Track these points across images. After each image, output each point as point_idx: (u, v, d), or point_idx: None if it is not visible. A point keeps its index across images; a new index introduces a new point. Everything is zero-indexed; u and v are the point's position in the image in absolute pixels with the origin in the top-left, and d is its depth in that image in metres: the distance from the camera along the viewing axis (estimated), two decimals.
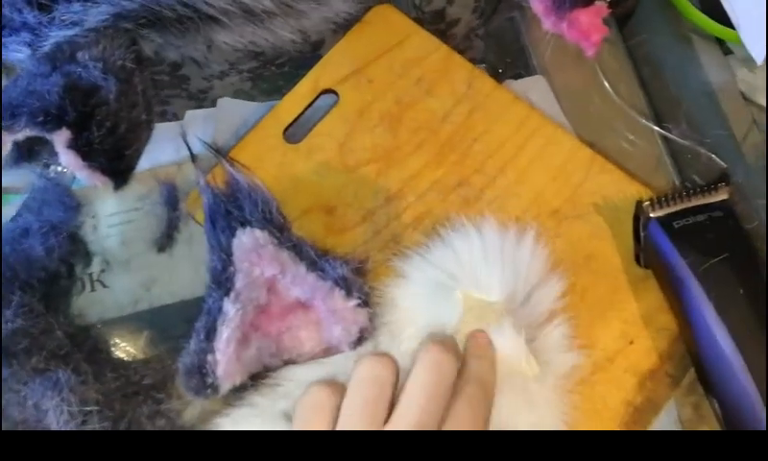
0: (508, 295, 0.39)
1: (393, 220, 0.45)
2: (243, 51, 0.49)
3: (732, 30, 0.48)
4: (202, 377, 0.38)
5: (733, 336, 0.39)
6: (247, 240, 0.40)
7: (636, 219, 0.44)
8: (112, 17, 0.43)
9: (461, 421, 0.33)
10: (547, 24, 0.47)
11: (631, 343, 0.43)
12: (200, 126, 0.49)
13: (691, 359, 0.42)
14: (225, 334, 0.38)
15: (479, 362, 0.36)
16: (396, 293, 0.41)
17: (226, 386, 0.38)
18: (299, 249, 0.41)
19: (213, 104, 0.51)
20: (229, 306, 0.39)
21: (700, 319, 0.40)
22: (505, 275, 0.39)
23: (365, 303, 0.41)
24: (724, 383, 0.39)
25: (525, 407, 0.38)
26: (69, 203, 0.46)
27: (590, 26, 0.46)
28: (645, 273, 0.44)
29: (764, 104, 0.49)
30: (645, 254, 0.43)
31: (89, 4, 0.43)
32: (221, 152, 0.45)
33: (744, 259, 0.41)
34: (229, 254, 0.40)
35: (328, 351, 0.41)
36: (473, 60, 0.50)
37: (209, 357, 0.38)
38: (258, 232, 0.41)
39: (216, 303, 0.39)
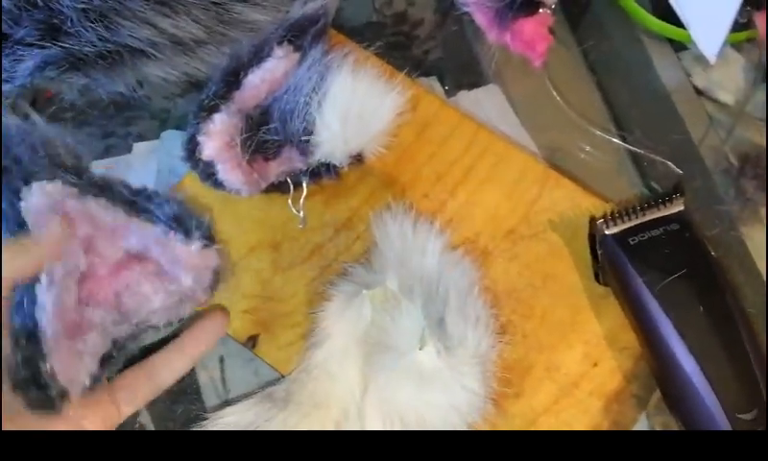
0: (403, 278, 0.40)
1: (342, 253, 0.44)
2: (176, 83, 0.47)
3: (682, 29, 0.47)
4: (40, 390, 0.31)
5: (694, 354, 0.38)
6: (37, 200, 0.32)
7: (592, 236, 0.42)
8: (37, 68, 0.42)
9: None
10: (491, 36, 0.46)
11: (595, 365, 0.41)
12: (145, 160, 0.47)
13: (655, 378, 0.41)
14: (49, 331, 0.31)
15: None
16: (319, 315, 0.41)
17: (76, 390, 0.32)
18: (108, 191, 0.34)
19: (178, 122, 0.48)
20: (44, 295, 0.31)
21: (660, 338, 0.39)
22: (397, 261, 0.40)
23: (209, 239, 0.35)
24: (686, 402, 0.38)
25: (414, 383, 0.38)
26: None
27: (535, 36, 0.44)
28: (605, 290, 0.43)
29: (724, 100, 0.48)
30: (603, 272, 0.42)
31: (15, 61, 0.42)
32: None
33: (702, 273, 0.39)
34: (21, 225, 0.32)
35: (183, 303, 0.35)
36: (432, 70, 0.48)
37: (42, 366, 0.30)
38: (49, 186, 0.32)
39: (28, 294, 0.31)
